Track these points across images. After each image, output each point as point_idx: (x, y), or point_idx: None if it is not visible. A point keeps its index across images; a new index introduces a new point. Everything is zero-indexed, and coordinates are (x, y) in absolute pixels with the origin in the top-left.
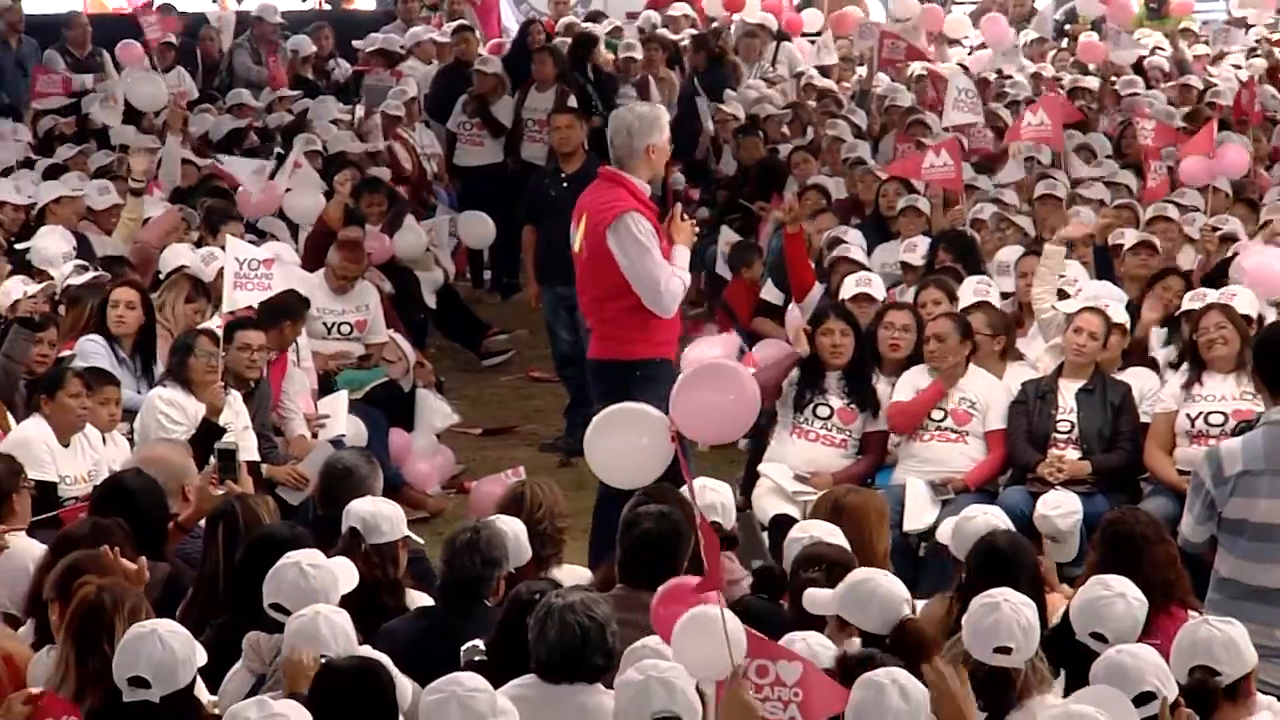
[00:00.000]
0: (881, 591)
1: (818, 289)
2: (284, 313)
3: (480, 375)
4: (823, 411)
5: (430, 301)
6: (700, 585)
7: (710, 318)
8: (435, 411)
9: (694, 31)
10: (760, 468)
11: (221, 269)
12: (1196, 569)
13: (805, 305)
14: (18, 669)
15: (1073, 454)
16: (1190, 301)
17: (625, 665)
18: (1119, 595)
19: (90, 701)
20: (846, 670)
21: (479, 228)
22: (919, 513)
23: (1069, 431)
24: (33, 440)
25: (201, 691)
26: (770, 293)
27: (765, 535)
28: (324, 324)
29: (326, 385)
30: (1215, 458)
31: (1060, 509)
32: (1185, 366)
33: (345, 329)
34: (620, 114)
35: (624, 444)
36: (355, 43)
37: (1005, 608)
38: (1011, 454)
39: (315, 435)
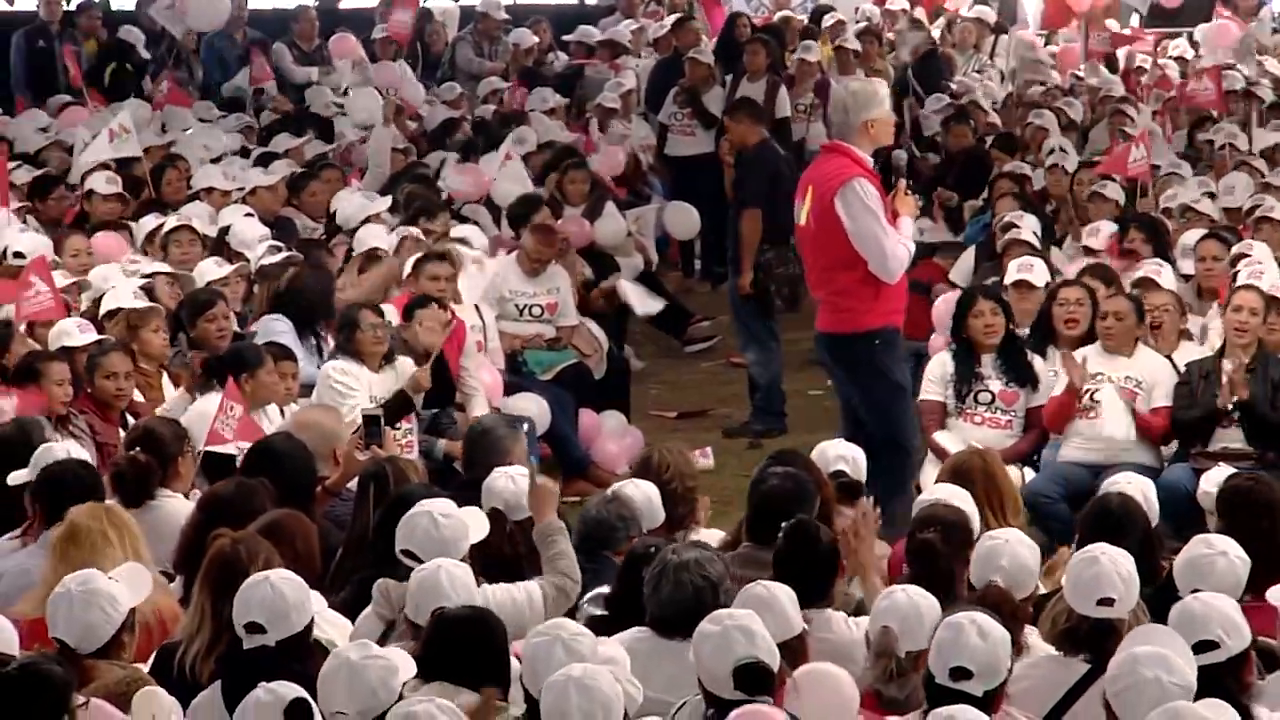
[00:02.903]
0: (983, 551)
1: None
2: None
3: (681, 361)
4: (984, 397)
5: None
6: None
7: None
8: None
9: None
10: (935, 438)
11: (401, 245)
12: None
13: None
14: (165, 622)
15: (1235, 433)
16: None
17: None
18: (1221, 554)
19: (222, 649)
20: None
21: (684, 218)
22: None
23: (1232, 411)
24: (211, 415)
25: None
26: (958, 274)
27: None
28: (515, 306)
29: (515, 368)
30: None
31: None
32: None
33: (536, 311)
34: (836, 91)
35: None
36: (565, 36)
37: (1104, 560)
38: (1176, 432)
39: None
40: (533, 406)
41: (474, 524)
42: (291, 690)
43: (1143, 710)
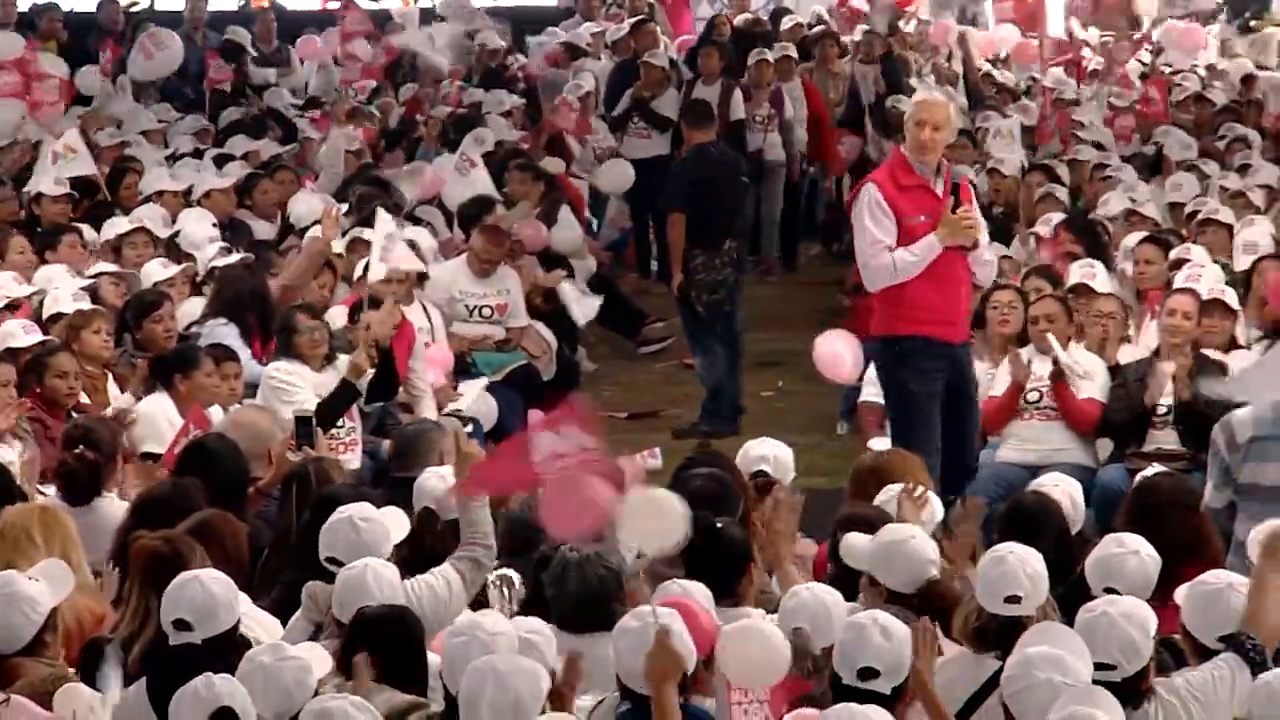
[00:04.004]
0: (908, 550)
1: None
2: (173, 365)
3: (635, 362)
4: None
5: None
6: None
7: None
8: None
9: (864, 28)
10: (870, 444)
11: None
12: None
13: None
14: (85, 625)
15: (1170, 435)
16: None
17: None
18: (1133, 552)
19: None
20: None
21: (618, 175)
22: None
23: (1166, 413)
24: (156, 415)
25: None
26: None
27: None
28: (465, 306)
29: (464, 368)
30: (1229, 426)
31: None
32: None
33: (486, 311)
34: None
35: None
36: (529, 39)
37: (1012, 559)
38: (1109, 431)
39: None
40: (479, 406)
41: (395, 525)
42: (227, 696)
43: (1036, 711)
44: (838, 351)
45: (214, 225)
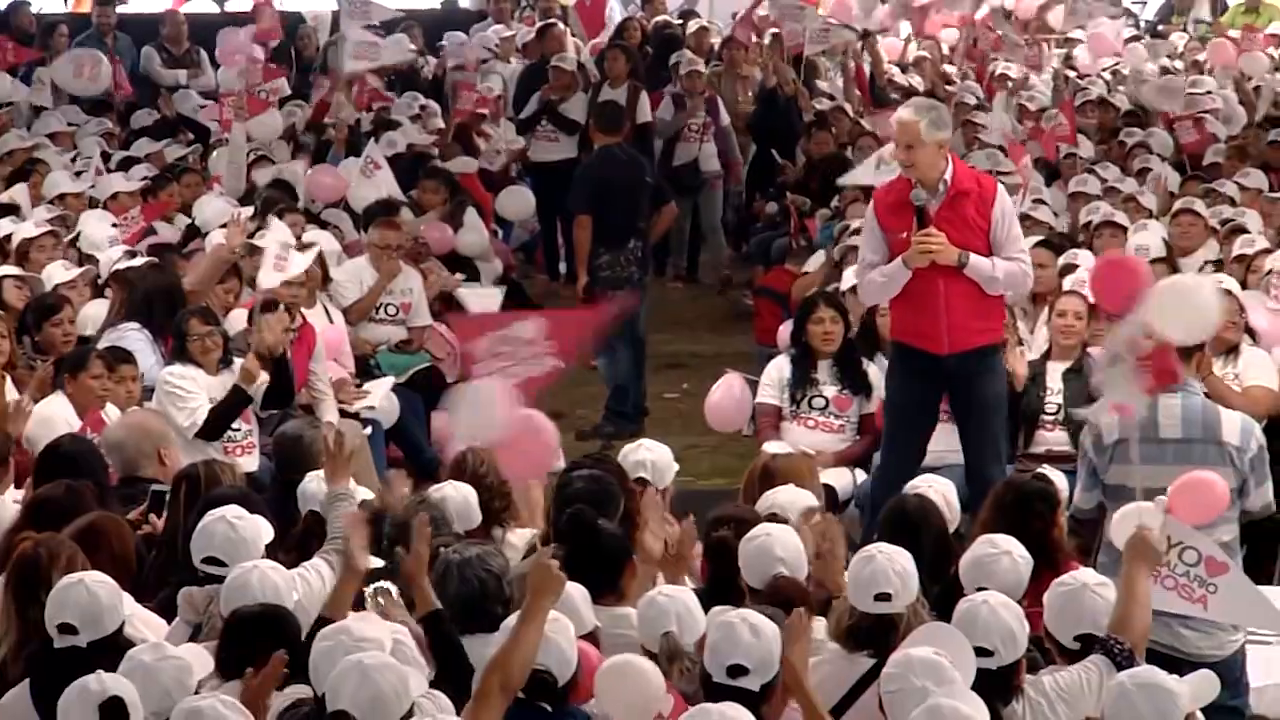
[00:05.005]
0: (754, 547)
1: None
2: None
3: None
4: (818, 402)
5: None
6: None
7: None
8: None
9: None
10: (764, 446)
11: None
12: None
13: None
14: None
15: (1059, 435)
16: None
17: None
18: (1005, 553)
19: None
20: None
21: (517, 202)
22: None
23: (1055, 412)
24: (54, 417)
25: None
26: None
27: None
28: None
29: (366, 370)
30: (1096, 428)
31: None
32: None
33: (391, 310)
34: None
35: None
36: (440, 43)
37: (880, 558)
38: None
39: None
40: (383, 405)
41: (264, 527)
42: (115, 688)
43: (907, 716)
44: (722, 405)
45: (113, 225)
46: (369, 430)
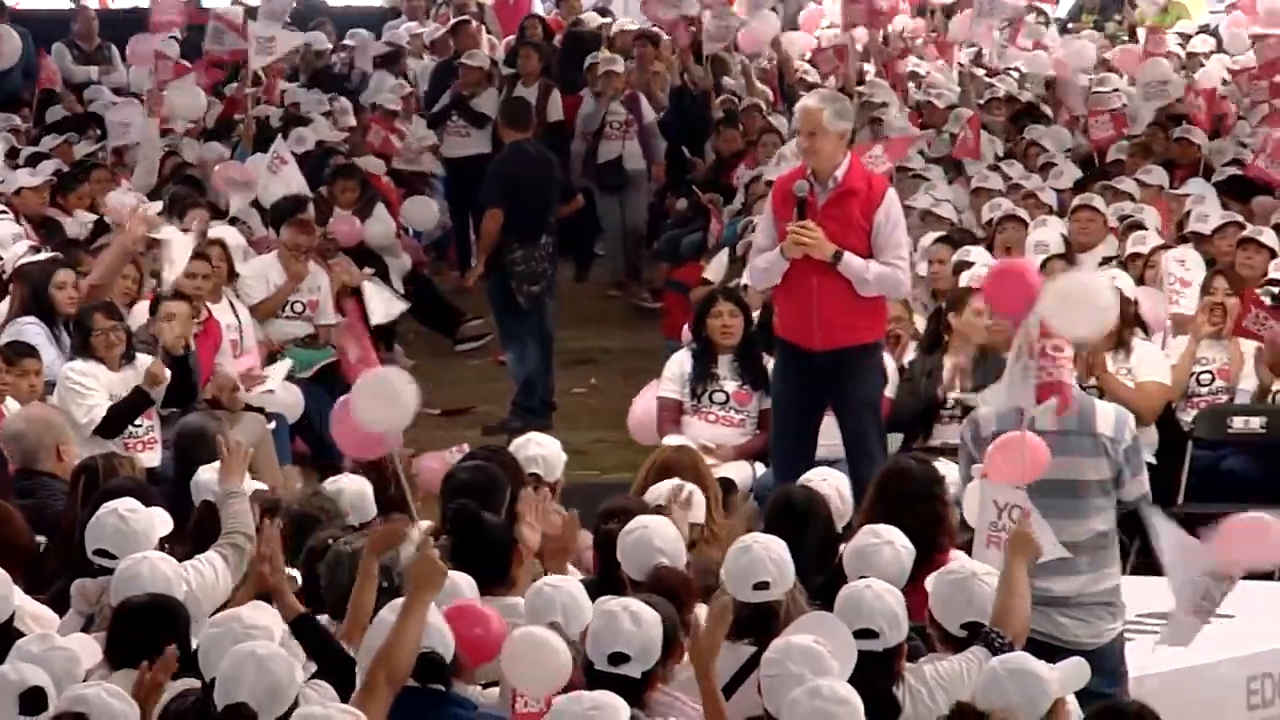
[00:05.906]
0: (633, 540)
1: None
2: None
3: (450, 359)
4: (719, 397)
5: (398, 286)
6: None
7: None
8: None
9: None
10: (664, 440)
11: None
12: None
13: None
14: None
15: (956, 428)
16: None
17: None
18: (887, 543)
19: None
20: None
21: (422, 212)
22: None
23: (953, 408)
24: None
25: None
26: (713, 272)
27: None
28: None
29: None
30: (974, 421)
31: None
32: None
33: (299, 308)
34: None
35: None
36: (347, 40)
37: (756, 547)
38: (897, 426)
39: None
40: (286, 399)
41: (159, 519)
42: (34, 677)
43: (783, 702)
44: (644, 421)
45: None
46: (273, 425)
